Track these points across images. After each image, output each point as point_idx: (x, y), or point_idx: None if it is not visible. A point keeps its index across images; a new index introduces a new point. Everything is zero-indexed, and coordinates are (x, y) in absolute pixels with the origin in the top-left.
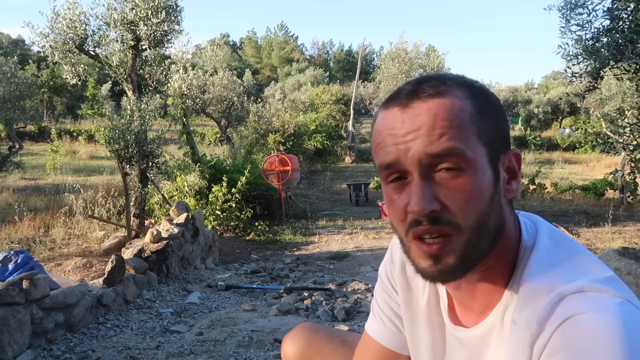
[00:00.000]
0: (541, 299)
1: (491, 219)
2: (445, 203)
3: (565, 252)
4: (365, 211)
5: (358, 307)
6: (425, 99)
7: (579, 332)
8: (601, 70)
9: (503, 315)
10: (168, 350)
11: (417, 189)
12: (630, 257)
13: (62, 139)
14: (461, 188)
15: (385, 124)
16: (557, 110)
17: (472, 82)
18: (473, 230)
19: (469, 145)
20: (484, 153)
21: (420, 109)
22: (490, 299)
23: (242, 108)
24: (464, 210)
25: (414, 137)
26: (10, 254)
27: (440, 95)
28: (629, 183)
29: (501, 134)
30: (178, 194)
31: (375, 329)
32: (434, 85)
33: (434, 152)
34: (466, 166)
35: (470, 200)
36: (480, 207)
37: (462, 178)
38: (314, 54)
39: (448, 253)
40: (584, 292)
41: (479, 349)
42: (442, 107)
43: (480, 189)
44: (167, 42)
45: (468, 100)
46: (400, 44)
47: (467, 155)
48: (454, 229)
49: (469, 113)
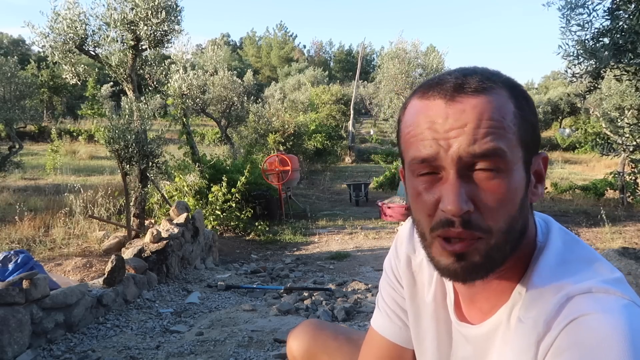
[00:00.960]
0: (549, 298)
1: (519, 223)
2: (478, 204)
3: (575, 253)
4: (365, 211)
5: (358, 307)
6: (472, 95)
7: (585, 332)
8: (601, 70)
9: (510, 313)
10: (168, 350)
11: (454, 187)
12: (630, 257)
13: (62, 139)
14: (496, 190)
15: (426, 116)
16: (557, 110)
17: (513, 81)
18: (502, 234)
19: (510, 146)
20: (520, 155)
21: (466, 104)
22: (499, 297)
23: (242, 108)
24: (496, 213)
25: (457, 134)
26: (10, 254)
27: (486, 92)
28: (629, 183)
29: (536, 137)
30: (178, 194)
31: (381, 324)
32: (479, 80)
33: (476, 152)
34: (504, 168)
35: (503, 203)
36: (511, 211)
37: (498, 180)
38: (314, 54)
39: (473, 253)
40: (591, 293)
41: (484, 347)
42: (489, 105)
43: (514, 192)
44: (167, 42)
45: (511, 99)
46: (400, 43)
47: (507, 158)
48: (484, 233)
49: (512, 113)
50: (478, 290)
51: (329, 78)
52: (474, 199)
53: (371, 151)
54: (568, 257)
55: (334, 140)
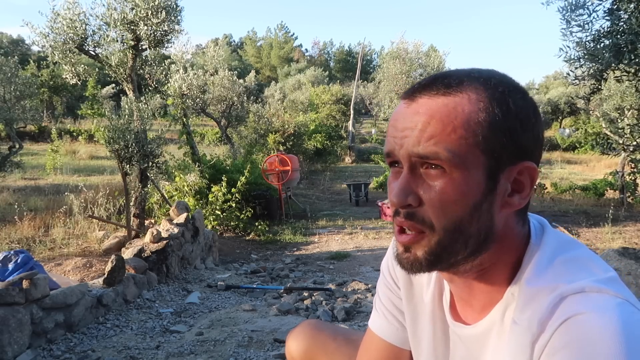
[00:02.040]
0: (543, 299)
1: (471, 225)
2: (423, 199)
3: (568, 253)
4: (365, 211)
5: (358, 307)
6: (431, 97)
7: (578, 332)
8: (604, 72)
9: (503, 314)
10: (168, 350)
11: (401, 181)
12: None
13: (62, 138)
14: (441, 189)
15: (393, 115)
16: (557, 111)
17: (496, 85)
18: (446, 232)
19: (460, 151)
20: (479, 162)
21: (421, 106)
22: (490, 297)
23: (242, 108)
24: (439, 211)
25: (407, 135)
26: (10, 254)
27: (448, 95)
28: (629, 183)
29: (514, 145)
30: (178, 194)
31: (378, 325)
32: (447, 82)
33: (419, 153)
34: (450, 170)
35: (446, 203)
36: (457, 212)
37: (444, 180)
38: (314, 54)
39: (417, 246)
40: (584, 292)
41: (477, 347)
42: (444, 108)
43: (462, 195)
44: (167, 42)
45: (479, 104)
46: (401, 43)
47: (452, 161)
48: (427, 228)
49: (473, 120)
50: (461, 287)
51: (329, 78)
52: (420, 194)
53: (371, 151)
54: (561, 257)
55: (334, 140)
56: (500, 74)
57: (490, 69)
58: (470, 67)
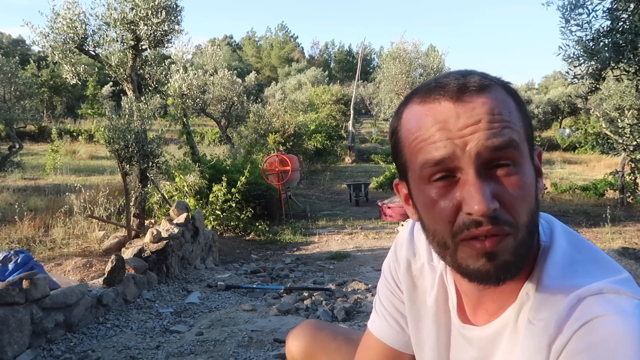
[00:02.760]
0: (559, 300)
1: (537, 216)
2: (502, 201)
3: (582, 253)
4: (365, 211)
5: (358, 307)
6: (477, 93)
7: (600, 335)
8: (602, 71)
9: (517, 315)
10: (168, 350)
11: (477, 187)
12: (630, 257)
13: (62, 138)
14: (516, 184)
15: (434, 118)
16: (557, 111)
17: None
18: (526, 228)
19: (521, 140)
20: (527, 149)
21: (475, 102)
22: (507, 298)
23: (242, 108)
24: (520, 207)
25: (473, 131)
26: (10, 254)
27: (489, 89)
28: (629, 183)
29: (532, 131)
30: (178, 194)
31: (378, 327)
32: (480, 79)
33: (495, 144)
34: (520, 162)
35: (524, 197)
36: (531, 204)
37: (516, 175)
38: (315, 54)
39: (503, 251)
40: (602, 294)
41: (488, 348)
42: (496, 101)
43: (530, 186)
44: (167, 42)
45: (510, 96)
46: (401, 43)
47: (521, 150)
48: (512, 227)
49: (515, 109)
50: (487, 291)
51: (329, 78)
52: (497, 196)
53: (371, 151)
54: (576, 257)
55: (334, 140)
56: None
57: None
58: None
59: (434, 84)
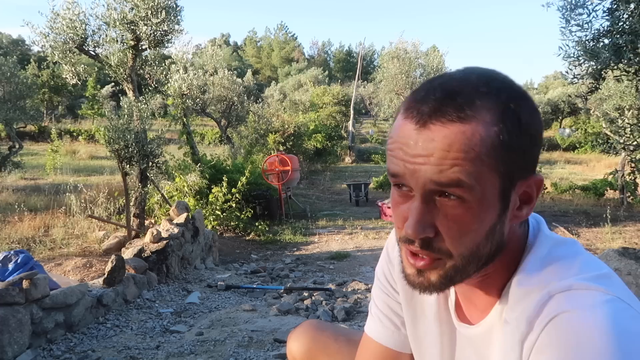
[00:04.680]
0: (532, 298)
1: (486, 248)
2: (440, 230)
3: (560, 251)
4: (365, 211)
5: (358, 307)
6: (445, 123)
7: (564, 329)
8: (602, 71)
9: (501, 313)
10: (168, 350)
11: (416, 212)
12: (630, 257)
13: (62, 139)
14: (459, 219)
15: (400, 136)
16: (557, 111)
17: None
18: (463, 259)
19: (480, 178)
20: (496, 185)
21: (436, 133)
22: (493, 296)
23: (242, 108)
24: (458, 240)
25: (423, 162)
26: (10, 254)
27: (463, 121)
28: (629, 183)
29: (525, 161)
30: (178, 194)
31: (374, 329)
32: (459, 105)
33: (440, 181)
34: (470, 199)
35: (466, 232)
36: (475, 239)
37: (463, 209)
38: (314, 54)
39: (432, 272)
40: (571, 290)
41: (484, 346)
42: (461, 135)
43: (481, 222)
44: (167, 42)
45: (495, 127)
46: (400, 43)
47: (473, 190)
48: (443, 255)
49: (490, 144)
50: (466, 289)
51: (329, 78)
52: (436, 224)
53: (371, 151)
54: (552, 256)
55: (334, 140)
56: (505, 80)
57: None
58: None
59: (419, 96)
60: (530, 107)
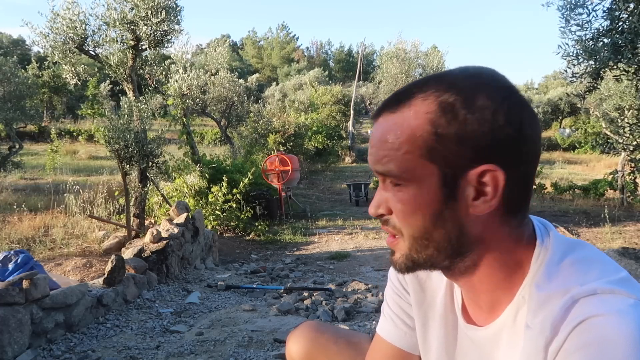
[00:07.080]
0: (555, 302)
1: (436, 232)
2: (392, 210)
3: (578, 254)
4: (365, 211)
5: (358, 307)
6: (386, 116)
7: (594, 334)
8: (601, 70)
9: (515, 316)
10: (168, 350)
11: (376, 193)
12: (630, 257)
13: (62, 139)
14: (400, 202)
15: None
16: (557, 110)
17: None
18: (414, 240)
19: (409, 166)
20: (432, 172)
21: (377, 126)
22: (495, 297)
23: (242, 108)
24: (404, 221)
25: (370, 153)
26: (10, 254)
27: (398, 112)
28: (629, 183)
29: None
30: (178, 194)
31: (386, 330)
32: (400, 98)
33: (377, 170)
34: (407, 184)
35: (407, 214)
36: (419, 222)
37: (402, 193)
38: (313, 54)
39: (397, 249)
40: (597, 294)
41: (489, 348)
42: (393, 126)
43: (419, 206)
44: (167, 42)
45: (426, 115)
46: (399, 43)
47: (404, 177)
48: (398, 232)
49: (418, 133)
50: (472, 289)
51: (329, 78)
52: (386, 204)
53: None
54: (570, 259)
55: (334, 140)
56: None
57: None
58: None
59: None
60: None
